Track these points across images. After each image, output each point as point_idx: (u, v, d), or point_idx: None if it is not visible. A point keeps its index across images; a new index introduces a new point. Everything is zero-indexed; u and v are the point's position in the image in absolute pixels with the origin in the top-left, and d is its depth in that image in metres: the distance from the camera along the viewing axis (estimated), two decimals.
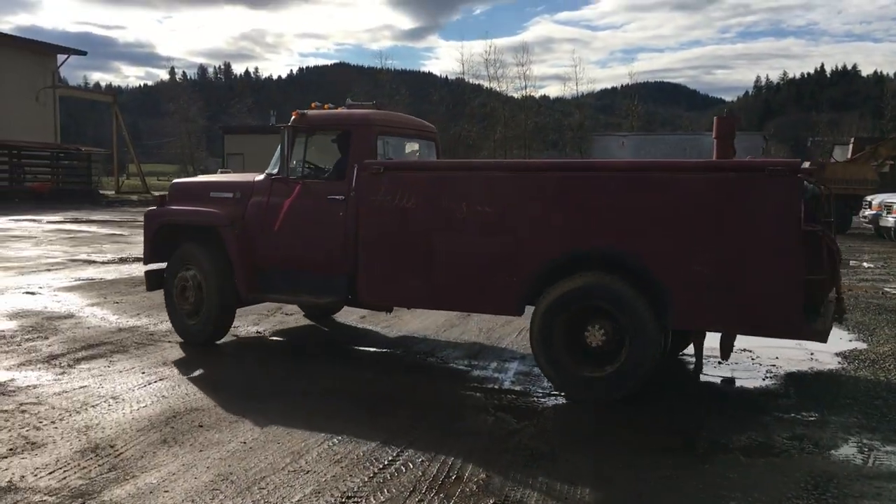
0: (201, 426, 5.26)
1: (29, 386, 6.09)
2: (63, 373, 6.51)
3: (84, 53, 46.61)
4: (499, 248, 6.27)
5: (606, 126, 74.49)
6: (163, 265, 7.95)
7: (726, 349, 6.15)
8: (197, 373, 6.67)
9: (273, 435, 5.09)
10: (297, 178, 7.20)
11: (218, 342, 7.72)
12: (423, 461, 4.69)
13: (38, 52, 43.49)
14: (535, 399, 6.10)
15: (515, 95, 67.57)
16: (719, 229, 5.59)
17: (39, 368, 6.62)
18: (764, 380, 6.68)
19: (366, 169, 6.73)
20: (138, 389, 6.07)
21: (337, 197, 6.97)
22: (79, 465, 4.53)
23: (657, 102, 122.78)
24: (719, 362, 6.89)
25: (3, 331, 8.03)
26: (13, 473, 4.38)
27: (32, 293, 10.39)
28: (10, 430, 5.06)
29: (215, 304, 7.46)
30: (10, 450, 4.73)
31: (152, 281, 8.00)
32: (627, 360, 5.78)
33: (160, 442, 4.93)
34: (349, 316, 9.18)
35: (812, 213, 5.83)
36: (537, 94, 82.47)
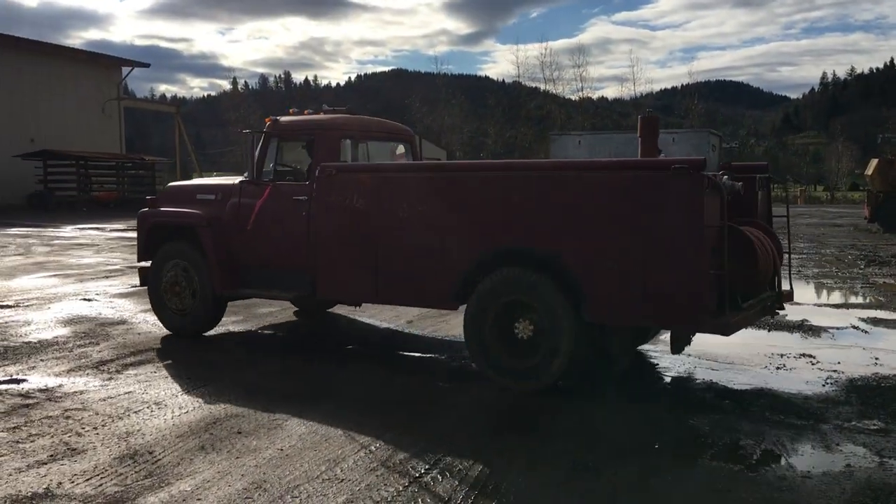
0: (240, 432, 5.22)
1: (76, 392, 6.15)
2: (110, 378, 6.56)
3: (147, 66, 47.86)
4: (435, 246, 6.58)
5: (666, 126, 73.27)
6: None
7: (676, 343, 6.27)
8: (240, 378, 6.64)
9: (310, 442, 5.02)
10: (268, 181, 7.68)
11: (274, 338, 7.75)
12: (460, 470, 4.56)
13: (103, 65, 44.86)
14: (579, 408, 5.92)
15: (572, 97, 67.01)
16: (629, 226, 5.76)
17: (87, 374, 6.69)
18: (823, 386, 6.37)
19: (322, 171, 7.09)
20: (182, 395, 6.08)
21: (301, 198, 7.39)
22: (116, 471, 4.52)
23: (719, 101, 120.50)
24: (778, 368, 6.60)
25: (57, 337, 8.17)
26: (51, 480, 4.39)
27: (88, 300, 10.60)
28: (52, 437, 5.10)
29: (201, 299, 7.95)
30: (51, 456, 4.75)
31: (144, 277, 8.49)
32: (546, 353, 6.04)
33: (198, 448, 4.90)
34: (394, 319, 9.10)
35: (733, 208, 5.93)
36: (595, 95, 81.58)
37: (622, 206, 5.80)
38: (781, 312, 7.28)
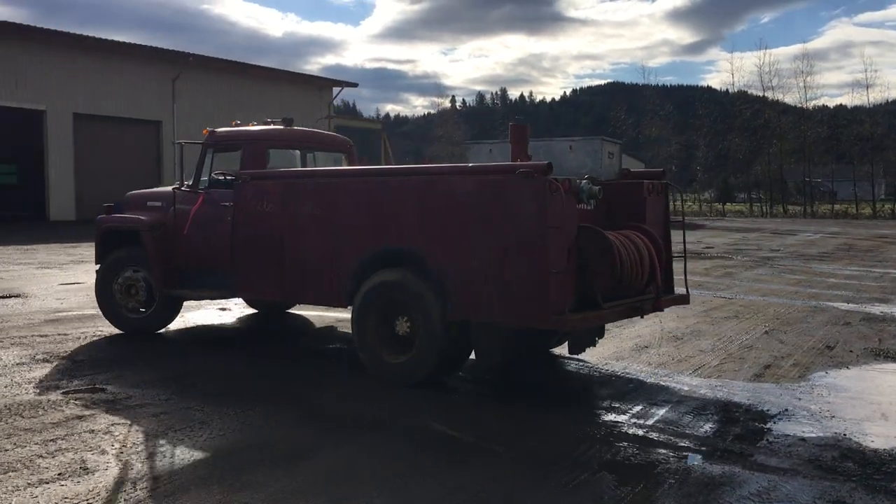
0: (261, 460, 4.79)
1: (137, 405, 6.01)
2: (181, 392, 6.41)
3: (355, 85, 50.07)
4: (328, 248, 7.06)
5: None
6: None
7: (574, 345, 6.84)
8: (291, 401, 6.28)
9: (315, 482, 4.48)
10: (203, 189, 8.30)
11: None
12: None
13: (317, 85, 47.50)
14: (662, 455, 4.93)
15: (801, 105, 61.86)
16: (484, 227, 6.06)
17: (165, 386, 6.58)
18: None
19: (240, 178, 7.72)
20: (234, 416, 5.75)
21: (227, 203, 7.93)
22: (105, 498, 4.23)
23: None
24: None
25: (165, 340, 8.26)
26: (37, 501, 4.17)
27: (224, 308, 10.80)
28: (75, 452, 4.91)
29: (149, 299, 8.61)
30: (59, 474, 4.54)
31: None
32: (419, 349, 6.39)
33: (203, 478, 4.51)
34: None
35: (619, 212, 6.70)
36: (832, 103, 74.85)
37: (478, 209, 6.11)
38: None
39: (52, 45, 33.90)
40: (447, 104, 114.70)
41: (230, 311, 10.65)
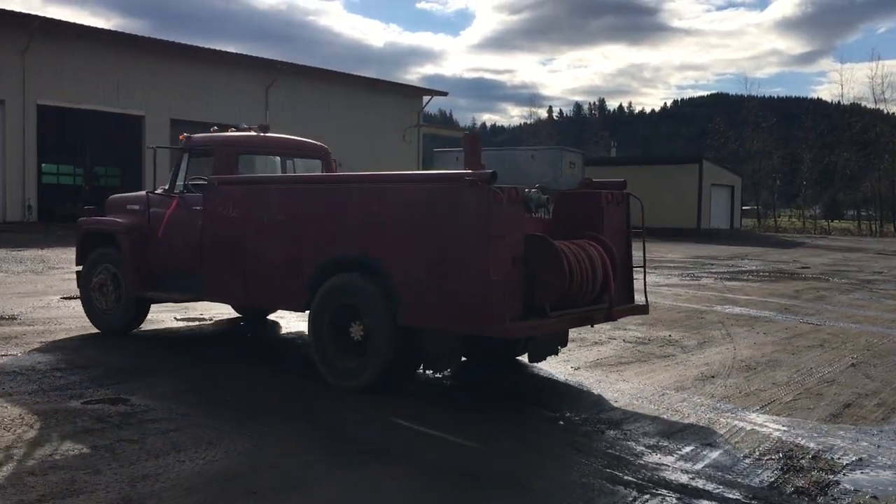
0: (254, 493, 4.43)
1: (151, 419, 5.76)
2: (202, 405, 6.15)
3: (445, 94, 49.95)
4: (288, 254, 7.15)
5: None
6: None
7: (533, 353, 6.97)
8: (311, 420, 5.91)
9: None
10: (178, 193, 8.47)
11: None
12: None
13: (406, 94, 47.70)
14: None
15: None
16: (431, 235, 6.13)
17: (180, 399, 6.33)
18: None
19: (208, 183, 7.84)
20: (247, 436, 5.41)
21: (198, 208, 8.00)
22: None
23: None
24: None
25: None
26: None
27: (280, 316, 10.58)
28: (70, 471, 4.65)
29: (124, 300, 8.76)
30: (43, 495, 4.28)
31: (79, 279, 9.38)
32: (371, 354, 6.43)
33: None
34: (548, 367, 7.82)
35: (576, 221, 6.88)
36: None
37: (426, 217, 6.18)
38: None
39: (152, 53, 35.11)
40: (543, 114, 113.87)
41: (283, 318, 10.44)
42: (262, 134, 9.06)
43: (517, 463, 5.15)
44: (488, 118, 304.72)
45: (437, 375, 7.21)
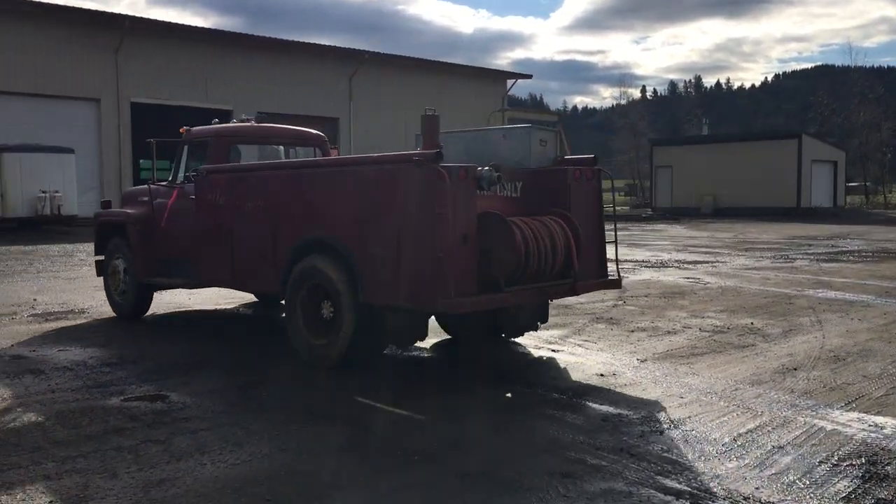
0: (268, 500, 4.15)
1: (184, 417, 5.58)
2: (238, 404, 5.93)
3: (529, 77, 49.35)
4: (267, 238, 7.41)
5: None
6: None
7: (510, 328, 7.55)
8: (343, 422, 5.61)
9: None
10: (179, 183, 8.83)
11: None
12: None
13: (491, 78, 47.18)
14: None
15: None
16: (386, 215, 6.30)
17: (218, 397, 6.14)
18: None
19: (199, 172, 8.22)
20: (275, 438, 5.15)
21: (194, 197, 8.32)
22: None
23: None
24: None
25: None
26: None
27: None
28: (85, 475, 4.48)
29: (132, 286, 9.24)
30: (51, 501, 4.14)
31: (99, 268, 9.93)
32: (336, 331, 6.69)
33: None
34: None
35: (546, 198, 6.97)
36: None
37: (381, 197, 6.38)
38: None
39: (238, 48, 35.76)
40: (636, 94, 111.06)
41: None
42: (252, 124, 9.39)
43: (554, 470, 4.70)
44: (580, 100, 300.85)
45: (402, 352, 7.55)
